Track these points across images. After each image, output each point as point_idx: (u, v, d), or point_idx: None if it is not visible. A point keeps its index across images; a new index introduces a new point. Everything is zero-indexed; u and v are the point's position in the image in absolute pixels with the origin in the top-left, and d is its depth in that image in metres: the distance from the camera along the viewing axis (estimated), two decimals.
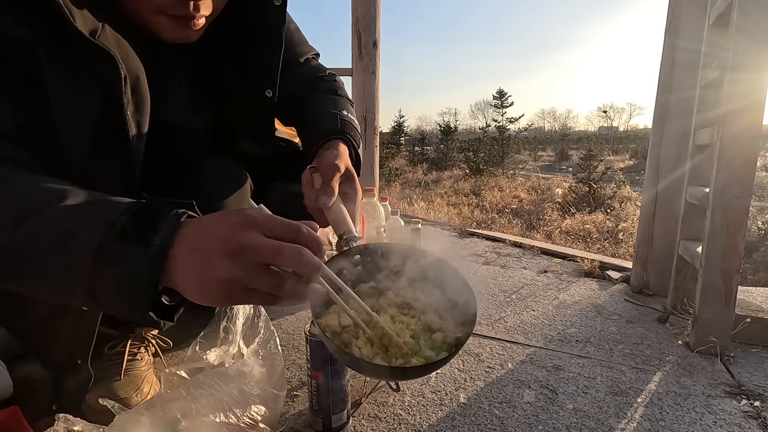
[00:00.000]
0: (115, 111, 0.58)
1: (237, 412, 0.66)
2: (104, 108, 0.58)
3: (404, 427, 0.80)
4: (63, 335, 0.70)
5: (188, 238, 0.43)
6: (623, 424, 0.81)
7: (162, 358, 0.94)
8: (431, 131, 27.86)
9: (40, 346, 0.73)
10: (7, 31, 0.52)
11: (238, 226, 0.42)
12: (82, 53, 0.55)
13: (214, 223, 0.44)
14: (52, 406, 0.73)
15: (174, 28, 0.64)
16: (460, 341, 0.57)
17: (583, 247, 3.63)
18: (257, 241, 0.41)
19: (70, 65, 0.55)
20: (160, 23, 0.63)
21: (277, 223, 0.44)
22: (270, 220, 0.44)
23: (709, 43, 1.18)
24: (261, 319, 0.84)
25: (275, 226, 0.43)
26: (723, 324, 1.04)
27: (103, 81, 0.57)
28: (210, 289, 0.42)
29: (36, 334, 0.70)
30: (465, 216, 5.14)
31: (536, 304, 1.36)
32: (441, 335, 0.59)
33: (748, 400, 0.88)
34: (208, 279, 0.42)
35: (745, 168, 0.99)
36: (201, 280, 0.42)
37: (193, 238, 0.43)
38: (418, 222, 1.64)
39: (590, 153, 7.38)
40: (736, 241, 1.01)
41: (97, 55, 0.55)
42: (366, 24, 2.29)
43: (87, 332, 0.70)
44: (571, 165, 13.82)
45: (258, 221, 0.43)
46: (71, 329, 0.69)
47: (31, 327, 0.70)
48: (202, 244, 0.42)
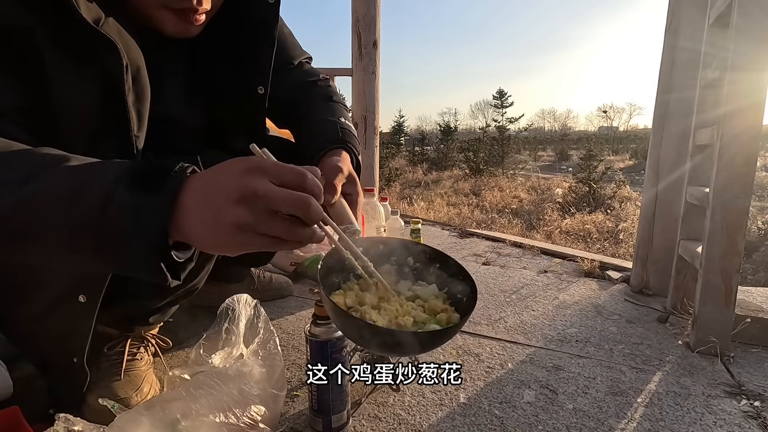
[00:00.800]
0: (117, 98, 0.59)
1: (237, 412, 0.66)
2: (105, 95, 0.59)
3: (404, 427, 0.80)
4: (58, 333, 0.70)
5: (198, 188, 0.43)
6: (623, 424, 0.81)
7: (162, 358, 0.94)
8: (431, 131, 27.86)
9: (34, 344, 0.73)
10: (8, 14, 0.52)
11: (247, 173, 0.42)
12: (85, 40, 0.55)
13: (223, 171, 0.44)
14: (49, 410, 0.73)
15: (176, 22, 0.65)
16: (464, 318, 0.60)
17: (583, 247, 3.63)
18: (267, 188, 0.42)
19: (72, 51, 0.56)
20: (163, 17, 0.64)
21: (283, 169, 0.44)
22: (277, 166, 0.44)
23: (709, 43, 1.18)
24: (261, 320, 0.84)
25: (282, 173, 0.43)
26: (723, 324, 1.04)
27: (105, 69, 0.58)
28: (223, 236, 0.42)
29: (31, 331, 0.71)
30: (465, 216, 5.14)
31: (536, 304, 1.36)
32: (445, 316, 0.62)
33: (748, 400, 0.88)
34: (222, 226, 0.42)
35: (745, 168, 0.99)
36: (214, 227, 0.42)
37: (202, 187, 0.43)
38: (418, 222, 1.64)
39: (590, 153, 7.38)
40: (736, 241, 1.01)
41: (100, 43, 0.56)
42: (366, 24, 2.29)
43: (83, 330, 0.70)
44: (571, 165, 13.82)
45: (266, 168, 0.43)
46: (67, 326, 0.69)
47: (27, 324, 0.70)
48: (213, 191, 0.42)
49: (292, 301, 1.36)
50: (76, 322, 0.69)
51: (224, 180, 0.43)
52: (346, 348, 0.75)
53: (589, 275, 1.63)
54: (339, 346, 0.74)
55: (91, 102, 0.58)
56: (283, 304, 1.34)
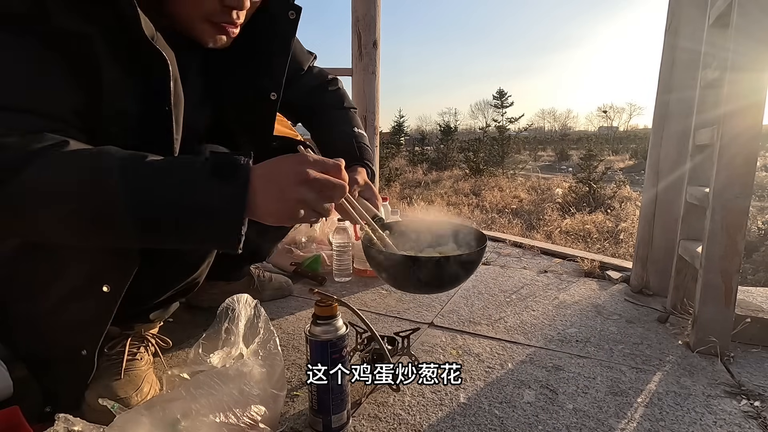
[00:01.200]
0: (163, 108, 0.66)
1: (237, 412, 0.66)
2: (152, 104, 0.65)
3: (404, 427, 0.80)
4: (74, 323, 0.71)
5: (261, 174, 0.57)
6: (623, 424, 0.81)
7: (162, 358, 0.94)
8: (431, 131, 27.84)
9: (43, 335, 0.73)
10: (75, 27, 0.57)
11: (300, 163, 0.58)
12: (141, 53, 0.62)
13: (283, 162, 0.59)
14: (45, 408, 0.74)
15: (215, 34, 0.72)
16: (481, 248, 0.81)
17: (583, 247, 3.63)
18: (316, 175, 0.58)
19: (128, 63, 0.62)
20: (204, 29, 0.71)
21: (325, 163, 0.60)
22: (321, 160, 0.60)
23: (709, 43, 1.18)
24: (261, 320, 0.84)
25: (323, 164, 0.60)
26: (723, 324, 1.04)
27: (155, 80, 0.64)
28: (286, 209, 0.57)
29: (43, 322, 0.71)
30: (465, 216, 5.14)
31: (536, 304, 1.36)
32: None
33: (748, 400, 0.88)
34: (286, 201, 0.57)
35: (745, 168, 0.99)
36: (279, 203, 0.57)
37: (266, 174, 0.57)
38: None
39: (590, 153, 7.36)
40: (736, 241, 1.01)
41: (155, 57, 0.63)
42: (366, 24, 2.29)
43: (103, 320, 0.72)
44: (571, 165, 13.81)
45: (312, 161, 0.59)
46: (85, 316, 0.71)
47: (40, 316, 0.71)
48: (277, 176, 0.57)
49: (292, 301, 1.36)
50: (97, 311, 0.71)
51: (286, 168, 0.58)
52: (346, 348, 0.76)
53: (589, 275, 1.63)
54: (339, 346, 0.74)
55: (139, 110, 0.64)
56: (283, 304, 1.34)
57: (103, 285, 0.68)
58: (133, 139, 0.61)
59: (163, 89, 0.64)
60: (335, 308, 0.75)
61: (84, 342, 0.73)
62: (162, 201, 0.54)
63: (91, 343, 0.73)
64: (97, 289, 0.68)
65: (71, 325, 0.71)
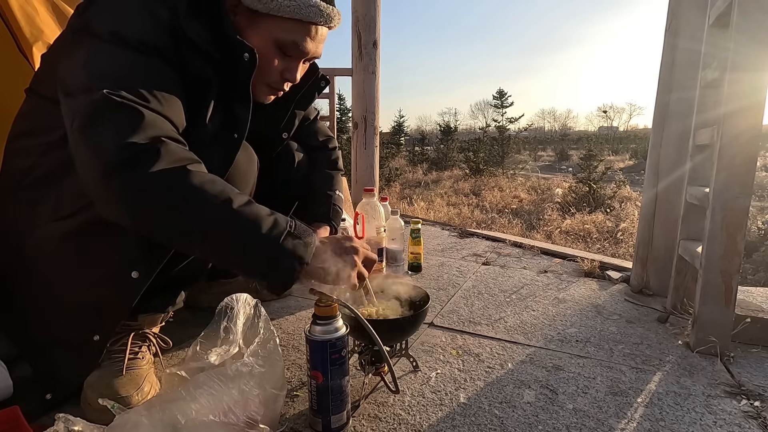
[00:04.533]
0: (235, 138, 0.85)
1: (237, 412, 0.66)
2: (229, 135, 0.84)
3: (404, 427, 0.80)
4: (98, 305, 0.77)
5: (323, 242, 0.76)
6: (623, 424, 0.81)
7: (161, 359, 0.94)
8: (431, 131, 27.82)
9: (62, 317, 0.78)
10: (199, 71, 0.78)
11: (350, 240, 0.79)
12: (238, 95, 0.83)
13: (339, 238, 0.79)
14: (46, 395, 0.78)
15: (268, 94, 0.93)
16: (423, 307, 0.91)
17: (583, 247, 3.64)
18: (362, 250, 0.79)
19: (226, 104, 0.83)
20: (262, 90, 0.90)
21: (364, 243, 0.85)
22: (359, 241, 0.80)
23: (709, 43, 1.18)
24: (261, 319, 0.84)
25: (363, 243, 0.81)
26: (723, 324, 1.04)
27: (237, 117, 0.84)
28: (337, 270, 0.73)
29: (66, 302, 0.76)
30: (465, 216, 5.14)
31: (536, 304, 1.36)
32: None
33: (748, 400, 0.88)
34: (340, 264, 0.74)
35: (745, 168, 0.99)
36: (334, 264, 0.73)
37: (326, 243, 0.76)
38: (418, 222, 1.64)
39: (590, 153, 7.35)
40: (736, 241, 1.01)
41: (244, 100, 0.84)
42: (366, 24, 2.29)
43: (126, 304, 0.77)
44: (571, 165, 13.81)
45: (356, 239, 0.81)
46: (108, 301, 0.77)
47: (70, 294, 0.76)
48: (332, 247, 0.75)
49: (292, 301, 1.36)
50: (122, 296, 0.76)
51: (342, 242, 0.78)
52: (346, 348, 0.76)
53: (589, 275, 1.63)
54: (339, 346, 0.74)
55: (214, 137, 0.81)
56: (283, 304, 1.34)
57: (133, 271, 0.74)
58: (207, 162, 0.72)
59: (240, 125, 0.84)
60: (335, 308, 0.75)
61: (99, 327, 0.78)
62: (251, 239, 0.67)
63: (105, 330, 0.78)
64: (127, 274, 0.74)
65: (94, 308, 0.76)
